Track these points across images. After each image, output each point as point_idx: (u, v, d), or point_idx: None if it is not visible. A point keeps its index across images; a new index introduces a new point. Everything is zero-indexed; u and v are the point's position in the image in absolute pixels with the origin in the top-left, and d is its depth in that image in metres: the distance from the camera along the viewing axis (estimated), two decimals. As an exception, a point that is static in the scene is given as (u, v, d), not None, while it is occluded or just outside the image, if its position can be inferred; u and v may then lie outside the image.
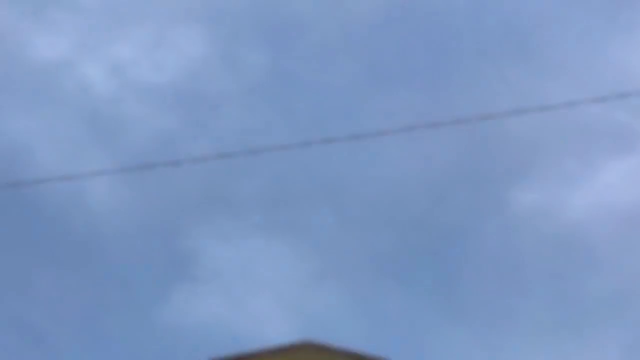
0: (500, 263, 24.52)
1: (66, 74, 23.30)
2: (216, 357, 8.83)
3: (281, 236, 25.20)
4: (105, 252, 23.73)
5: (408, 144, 24.67)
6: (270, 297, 25.12)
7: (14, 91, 22.17)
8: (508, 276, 24.46)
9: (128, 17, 23.87)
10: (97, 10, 23.88)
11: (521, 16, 25.64)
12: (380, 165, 24.45)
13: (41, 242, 23.28)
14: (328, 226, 24.71)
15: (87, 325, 23.95)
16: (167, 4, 24.29)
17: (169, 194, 23.45)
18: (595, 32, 25.47)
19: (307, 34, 24.84)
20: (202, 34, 24.55)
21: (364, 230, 24.80)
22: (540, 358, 23.86)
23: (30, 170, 21.79)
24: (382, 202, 24.30)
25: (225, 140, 23.72)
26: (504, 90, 24.69)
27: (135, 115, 23.06)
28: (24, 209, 22.42)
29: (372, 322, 25.09)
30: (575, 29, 25.54)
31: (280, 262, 24.62)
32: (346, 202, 24.52)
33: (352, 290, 25.27)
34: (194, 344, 24.24)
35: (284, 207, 24.86)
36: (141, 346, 24.35)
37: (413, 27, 24.49)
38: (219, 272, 25.05)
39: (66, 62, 23.48)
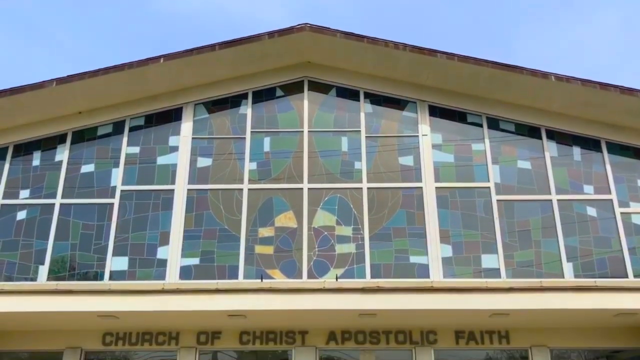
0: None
1: None
2: (216, 43, 8.55)
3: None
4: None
5: None
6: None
7: None
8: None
9: None
10: None
11: None
12: None
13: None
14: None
15: (79, 13, 21.89)
16: None
17: None
18: None
19: None
20: None
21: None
22: (542, 36, 22.26)
23: None
24: None
25: None
26: None
27: None
28: None
29: (370, 6, 23.22)
30: None
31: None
32: None
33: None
34: (192, 30, 22.29)
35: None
36: (138, 33, 22.34)
37: None
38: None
39: None
